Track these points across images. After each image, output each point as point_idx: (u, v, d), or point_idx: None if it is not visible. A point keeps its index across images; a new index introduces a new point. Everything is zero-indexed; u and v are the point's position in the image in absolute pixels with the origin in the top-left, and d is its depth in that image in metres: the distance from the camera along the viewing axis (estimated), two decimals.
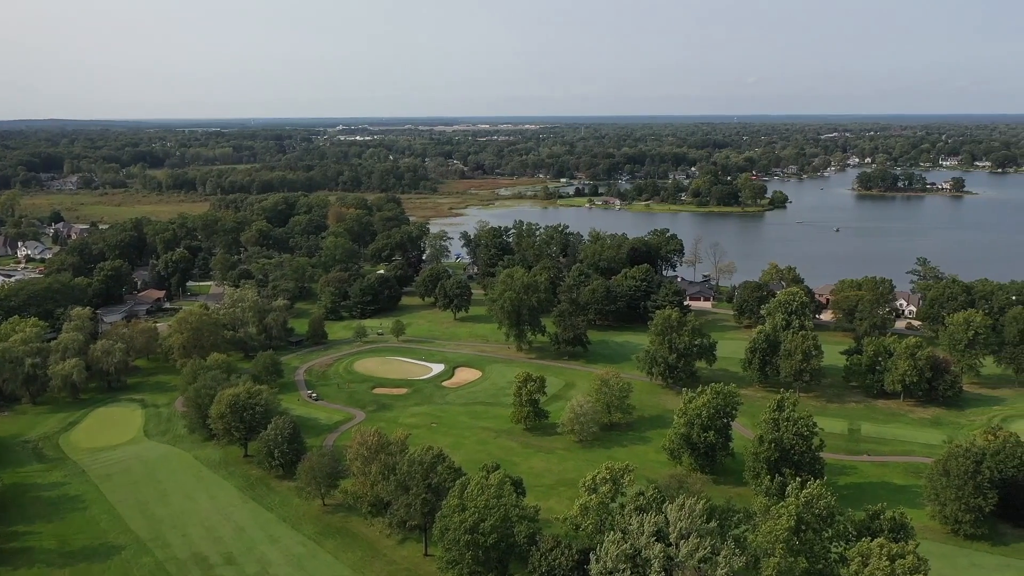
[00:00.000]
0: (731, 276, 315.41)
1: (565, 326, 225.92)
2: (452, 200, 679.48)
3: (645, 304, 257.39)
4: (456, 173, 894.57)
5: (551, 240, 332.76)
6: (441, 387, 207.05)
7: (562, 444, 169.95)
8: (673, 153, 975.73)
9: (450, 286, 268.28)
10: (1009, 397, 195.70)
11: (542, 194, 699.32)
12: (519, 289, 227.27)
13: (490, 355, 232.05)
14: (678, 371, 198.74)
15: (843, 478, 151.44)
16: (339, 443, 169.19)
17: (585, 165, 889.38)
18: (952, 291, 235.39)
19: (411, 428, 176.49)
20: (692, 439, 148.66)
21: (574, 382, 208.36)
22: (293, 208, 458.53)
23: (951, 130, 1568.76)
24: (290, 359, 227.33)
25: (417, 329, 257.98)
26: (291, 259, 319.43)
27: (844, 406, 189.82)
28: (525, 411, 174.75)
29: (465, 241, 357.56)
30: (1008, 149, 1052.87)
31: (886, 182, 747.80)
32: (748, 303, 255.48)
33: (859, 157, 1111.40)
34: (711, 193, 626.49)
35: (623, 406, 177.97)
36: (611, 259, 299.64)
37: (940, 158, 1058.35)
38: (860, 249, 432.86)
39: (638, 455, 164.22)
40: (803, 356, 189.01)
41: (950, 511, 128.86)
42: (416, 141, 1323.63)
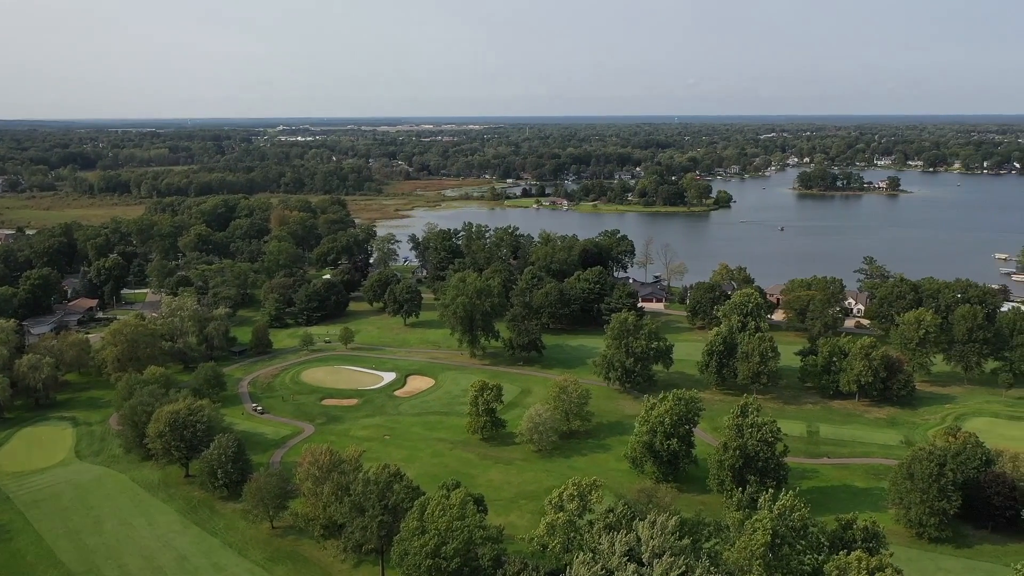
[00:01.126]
0: (682, 277, 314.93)
1: (519, 331, 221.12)
2: (398, 202, 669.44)
3: (599, 307, 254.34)
4: (401, 174, 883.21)
5: (501, 242, 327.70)
6: (393, 397, 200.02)
7: (520, 454, 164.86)
8: (618, 153, 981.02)
9: (400, 291, 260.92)
10: (959, 395, 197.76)
11: (489, 195, 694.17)
12: (472, 294, 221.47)
13: (443, 362, 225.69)
14: (635, 375, 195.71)
15: (805, 482, 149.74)
16: (287, 459, 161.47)
17: (531, 166, 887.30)
18: (900, 290, 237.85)
19: (363, 441, 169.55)
20: (655, 447, 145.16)
21: (530, 388, 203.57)
22: (234, 211, 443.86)
23: (883, 130, 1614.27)
24: (233, 370, 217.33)
25: (366, 336, 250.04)
26: (232, 265, 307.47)
27: (801, 407, 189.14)
28: (482, 421, 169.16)
29: (413, 244, 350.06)
30: (938, 149, 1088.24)
31: (825, 181, 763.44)
32: (701, 304, 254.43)
33: (798, 157, 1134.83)
34: (657, 193, 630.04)
35: (582, 413, 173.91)
36: (563, 261, 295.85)
37: (875, 158, 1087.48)
38: (806, 248, 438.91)
39: (599, 464, 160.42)
40: (760, 358, 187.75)
41: (915, 514, 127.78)
42: (359, 142, 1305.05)
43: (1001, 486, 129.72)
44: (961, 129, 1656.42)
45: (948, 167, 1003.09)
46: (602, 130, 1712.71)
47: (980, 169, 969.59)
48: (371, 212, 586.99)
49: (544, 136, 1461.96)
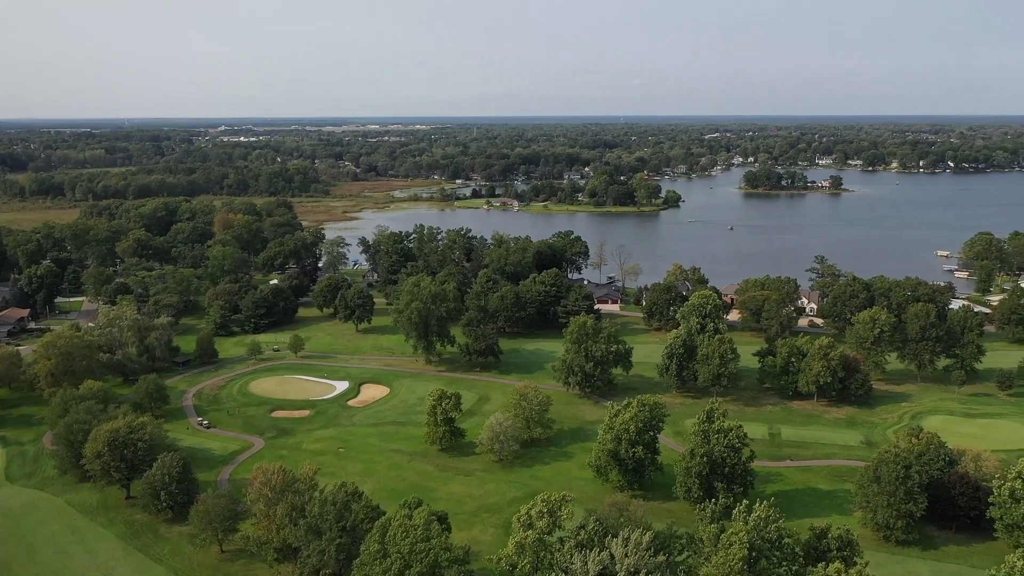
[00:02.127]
0: (636, 278, 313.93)
1: (476, 336, 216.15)
2: (346, 203, 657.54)
3: (555, 309, 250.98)
4: (348, 175, 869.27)
5: (454, 244, 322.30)
6: (347, 407, 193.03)
7: (481, 465, 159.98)
8: (566, 154, 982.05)
9: (351, 296, 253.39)
10: (914, 393, 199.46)
11: (439, 196, 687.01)
12: (427, 299, 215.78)
13: (397, 369, 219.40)
14: (595, 380, 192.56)
15: (770, 486, 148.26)
16: (237, 476, 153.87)
17: (480, 166, 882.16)
18: (853, 289, 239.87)
19: (316, 455, 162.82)
20: (620, 455, 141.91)
21: (488, 395, 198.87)
22: (175, 214, 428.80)
23: (823, 130, 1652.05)
24: (177, 382, 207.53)
25: (317, 343, 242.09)
26: (174, 271, 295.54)
27: (761, 409, 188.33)
28: (440, 431, 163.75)
29: (364, 247, 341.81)
30: (876, 148, 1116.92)
31: (771, 181, 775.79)
32: (658, 305, 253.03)
33: (743, 156, 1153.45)
34: (607, 193, 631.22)
35: (543, 421, 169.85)
36: (517, 263, 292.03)
37: (816, 157, 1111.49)
38: (756, 247, 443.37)
39: (562, 472, 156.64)
40: (720, 360, 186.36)
41: (882, 517, 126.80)
42: (305, 142, 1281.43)
43: (965, 487, 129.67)
44: (896, 129, 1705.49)
45: (886, 166, 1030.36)
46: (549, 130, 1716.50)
47: (916, 168, 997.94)
48: (319, 214, 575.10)
49: (492, 136, 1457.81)
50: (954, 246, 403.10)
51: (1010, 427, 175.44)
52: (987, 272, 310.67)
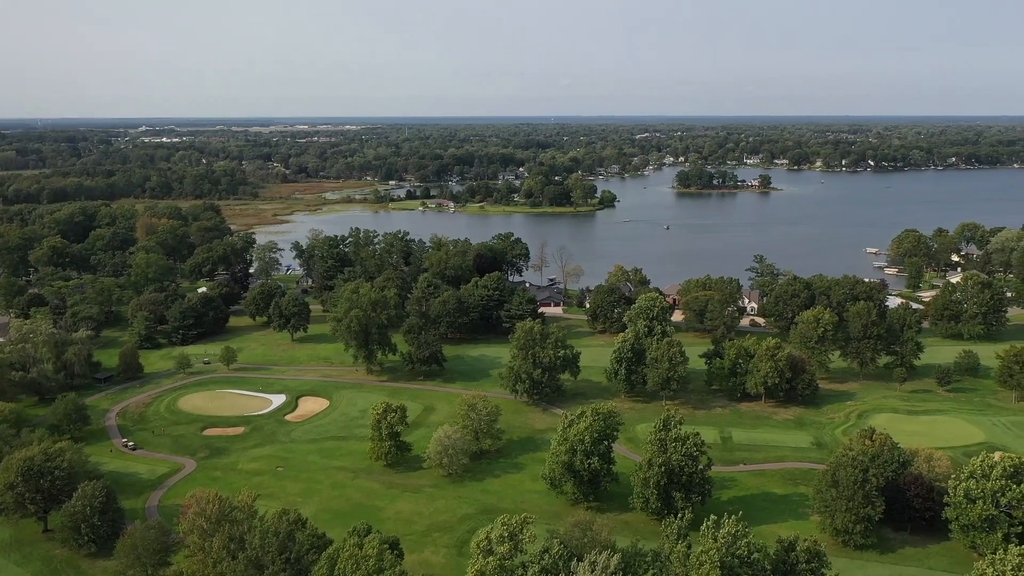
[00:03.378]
0: (578, 279, 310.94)
1: (419, 344, 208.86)
2: (276, 206, 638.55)
3: (498, 314, 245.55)
4: (278, 177, 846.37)
5: (392, 248, 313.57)
6: (284, 422, 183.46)
7: (429, 480, 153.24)
8: (500, 154, 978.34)
9: (285, 304, 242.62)
10: (858, 391, 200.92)
11: (372, 197, 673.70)
12: (366, 306, 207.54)
13: (337, 380, 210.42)
14: (544, 387, 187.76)
15: (726, 492, 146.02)
16: (167, 502, 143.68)
17: (414, 167, 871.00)
18: (794, 288, 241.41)
19: (253, 476, 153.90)
20: (575, 467, 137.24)
21: (433, 405, 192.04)
22: (93, 220, 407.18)
23: (748, 130, 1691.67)
24: (98, 400, 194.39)
25: (250, 354, 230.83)
26: (94, 280, 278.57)
27: (711, 412, 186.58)
28: (386, 446, 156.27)
29: (297, 252, 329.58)
30: (800, 148, 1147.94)
31: (703, 180, 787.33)
32: (603, 308, 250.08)
33: (673, 156, 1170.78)
34: (544, 193, 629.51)
35: (492, 432, 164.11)
36: (458, 267, 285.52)
37: (744, 156, 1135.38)
38: (693, 246, 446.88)
39: (514, 486, 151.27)
40: (669, 364, 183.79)
41: (841, 522, 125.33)
42: (231, 143, 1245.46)
43: (920, 488, 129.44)
44: (817, 129, 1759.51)
45: (811, 165, 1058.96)
46: (481, 130, 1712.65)
47: (839, 167, 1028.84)
48: (248, 218, 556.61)
49: (424, 136, 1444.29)
50: (882, 243, 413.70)
51: (952, 423, 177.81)
52: (916, 269, 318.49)
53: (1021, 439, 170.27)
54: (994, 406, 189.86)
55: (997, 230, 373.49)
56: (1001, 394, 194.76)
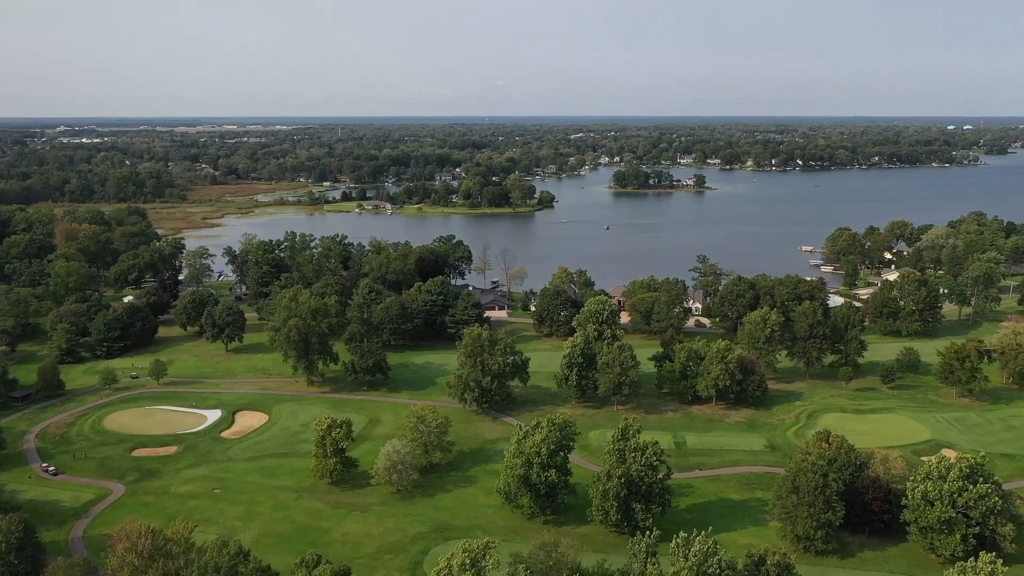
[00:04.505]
0: (522, 282, 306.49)
1: (362, 353, 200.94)
2: (205, 209, 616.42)
3: (443, 319, 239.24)
4: (206, 178, 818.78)
5: (330, 252, 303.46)
6: (220, 439, 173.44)
7: (377, 497, 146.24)
8: (437, 154, 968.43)
9: (219, 312, 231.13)
10: (805, 391, 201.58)
11: (307, 199, 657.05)
12: (306, 315, 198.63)
13: (276, 392, 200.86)
14: (493, 395, 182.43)
15: (683, 500, 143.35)
16: (93, 532, 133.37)
17: (348, 168, 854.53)
18: (739, 288, 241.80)
19: (188, 499, 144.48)
20: (531, 480, 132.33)
21: (379, 416, 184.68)
22: (8, 225, 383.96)
23: (680, 130, 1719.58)
24: (15, 421, 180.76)
25: (182, 367, 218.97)
26: (8, 290, 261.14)
27: (663, 417, 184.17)
28: (331, 463, 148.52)
29: (230, 258, 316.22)
30: (732, 148, 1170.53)
31: (639, 180, 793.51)
32: (548, 311, 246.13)
33: (609, 156, 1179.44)
34: (482, 194, 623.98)
35: (442, 444, 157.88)
36: (399, 271, 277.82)
37: (678, 156, 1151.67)
38: (633, 246, 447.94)
39: (467, 500, 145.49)
40: (620, 368, 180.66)
41: (802, 529, 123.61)
42: (156, 144, 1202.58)
43: (878, 491, 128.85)
44: (746, 129, 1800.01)
45: (742, 164, 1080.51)
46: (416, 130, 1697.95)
47: (769, 166, 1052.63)
48: (176, 222, 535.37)
49: (357, 137, 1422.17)
50: (816, 241, 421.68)
51: (899, 421, 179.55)
52: (853, 267, 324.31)
53: (965, 435, 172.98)
54: (936, 402, 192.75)
55: (926, 227, 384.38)
56: (942, 390, 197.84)
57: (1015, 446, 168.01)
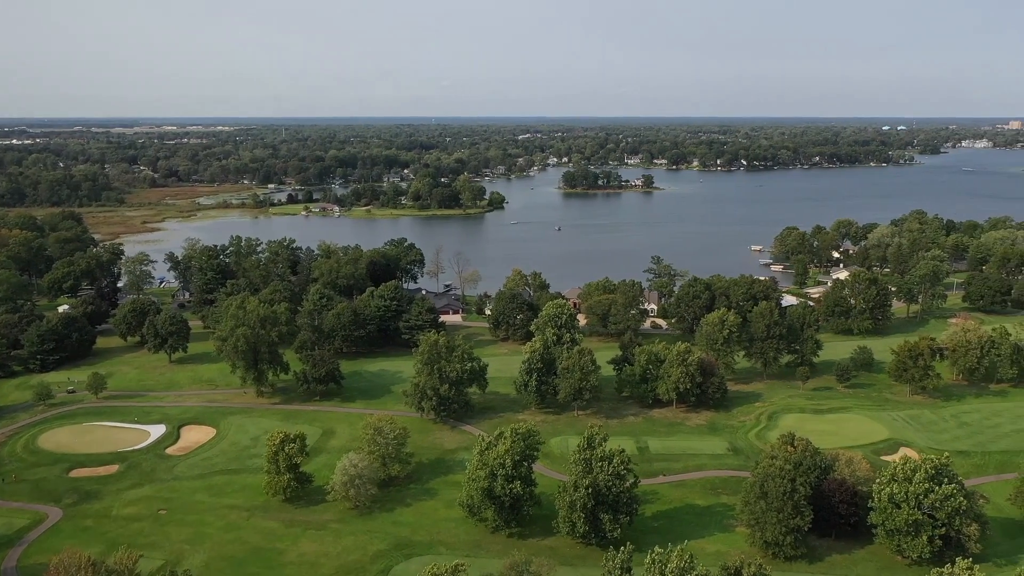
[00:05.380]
0: (476, 285, 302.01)
1: (314, 362, 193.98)
2: (145, 213, 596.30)
3: (397, 325, 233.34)
4: (146, 181, 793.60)
5: (277, 257, 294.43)
6: (165, 456, 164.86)
7: (334, 514, 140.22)
8: (384, 155, 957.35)
9: (161, 321, 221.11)
10: (763, 391, 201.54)
11: (251, 202, 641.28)
12: (255, 323, 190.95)
13: (224, 405, 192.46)
14: (451, 402, 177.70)
15: (649, 508, 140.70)
16: (28, 562, 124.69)
17: (294, 169, 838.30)
18: (695, 289, 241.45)
19: (131, 522, 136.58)
20: (495, 492, 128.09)
21: (333, 428, 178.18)
22: None
23: (626, 131, 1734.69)
24: None
25: (123, 380, 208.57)
26: None
27: (624, 421, 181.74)
28: (284, 480, 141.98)
29: (172, 264, 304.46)
30: (677, 148, 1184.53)
31: (588, 180, 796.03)
32: (505, 314, 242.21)
33: (557, 157, 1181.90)
34: (432, 196, 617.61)
35: (401, 456, 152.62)
36: (350, 276, 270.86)
37: (625, 157, 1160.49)
38: (586, 247, 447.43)
39: (427, 514, 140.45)
40: (581, 373, 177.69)
41: (771, 535, 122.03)
42: (92, 145, 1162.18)
43: (844, 493, 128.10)
44: (691, 129, 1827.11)
45: (688, 165, 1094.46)
46: (361, 131, 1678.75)
47: (715, 166, 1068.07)
48: (114, 226, 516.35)
49: (302, 138, 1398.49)
50: (765, 240, 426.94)
51: (858, 420, 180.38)
52: (803, 266, 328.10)
53: (921, 433, 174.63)
54: (891, 400, 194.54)
55: (870, 226, 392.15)
56: (896, 388, 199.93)
57: (969, 443, 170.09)
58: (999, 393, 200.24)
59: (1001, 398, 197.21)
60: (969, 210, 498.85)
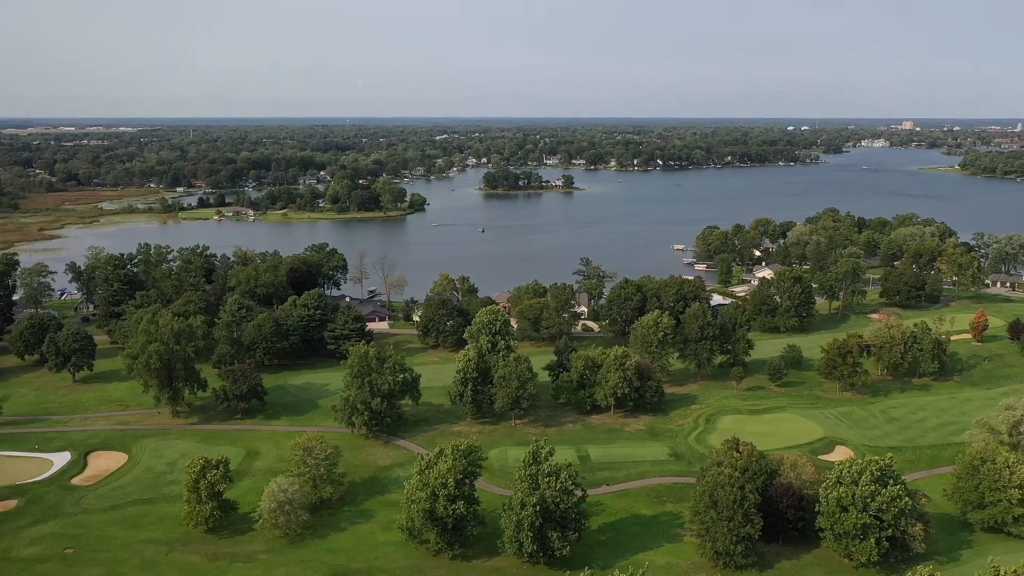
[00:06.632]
0: (402, 290, 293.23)
1: (235, 378, 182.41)
2: (42, 219, 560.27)
3: (322, 335, 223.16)
4: (42, 185, 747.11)
5: (190, 265, 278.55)
6: (71, 488, 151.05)
7: (263, 544, 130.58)
8: (299, 157, 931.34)
9: (63, 338, 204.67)
10: (698, 393, 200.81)
11: (159, 207, 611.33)
12: (169, 339, 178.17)
13: (135, 427, 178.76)
14: (384, 416, 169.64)
15: (595, 520, 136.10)
16: None
17: (204, 172, 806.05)
18: (627, 291, 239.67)
19: (34, 563, 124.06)
20: (437, 514, 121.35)
21: (257, 448, 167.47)
22: None
23: (543, 131, 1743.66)
24: None
25: (21, 403, 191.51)
26: None
27: (563, 429, 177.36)
28: (207, 509, 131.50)
29: (74, 274, 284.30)
30: (595, 148, 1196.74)
31: (509, 181, 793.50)
32: (434, 321, 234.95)
33: (476, 158, 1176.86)
34: (351, 198, 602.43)
35: (333, 477, 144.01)
36: (270, 284, 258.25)
37: (544, 157, 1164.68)
38: (510, 249, 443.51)
39: (364, 539, 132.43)
40: (519, 382, 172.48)
41: (722, 545, 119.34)
42: None
43: (792, 498, 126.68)
44: (607, 130, 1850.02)
45: (606, 165, 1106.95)
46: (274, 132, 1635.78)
47: (632, 166, 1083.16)
48: (7, 234, 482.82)
49: (212, 139, 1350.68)
50: (686, 239, 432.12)
51: (793, 420, 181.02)
52: (726, 264, 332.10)
53: (853, 430, 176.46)
54: (822, 398, 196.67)
55: (788, 224, 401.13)
56: (826, 385, 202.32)
57: (899, 438, 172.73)
58: (922, 387, 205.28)
59: (924, 392, 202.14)
60: (875, 207, 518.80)
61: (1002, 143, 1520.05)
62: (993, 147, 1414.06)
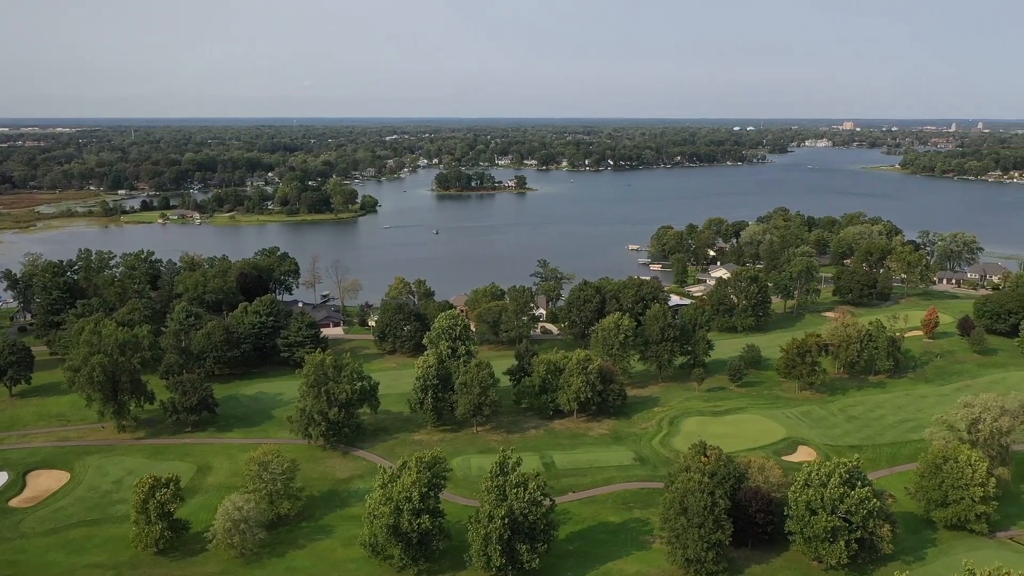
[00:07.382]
0: (356, 295, 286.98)
1: (184, 389, 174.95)
2: None
3: (275, 342, 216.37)
4: None
5: (135, 272, 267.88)
6: (9, 510, 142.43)
7: (217, 565, 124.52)
8: (246, 158, 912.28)
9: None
10: (660, 395, 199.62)
11: (100, 210, 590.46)
12: (113, 350, 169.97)
13: (78, 443, 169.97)
14: (341, 426, 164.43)
15: (563, 529, 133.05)
16: None
17: (147, 174, 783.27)
18: (586, 293, 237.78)
19: None
20: (402, 529, 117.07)
21: (209, 463, 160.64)
22: None
23: (494, 132, 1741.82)
24: None
25: None
26: None
27: (526, 435, 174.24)
28: (156, 530, 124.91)
29: (10, 282, 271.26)
30: (547, 148, 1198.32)
31: (461, 182, 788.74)
32: (391, 326, 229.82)
33: (427, 158, 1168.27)
34: (300, 200, 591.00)
35: (290, 491, 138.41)
36: (219, 290, 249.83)
37: (495, 157, 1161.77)
38: (465, 251, 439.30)
39: (324, 556, 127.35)
40: (480, 388, 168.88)
41: (693, 552, 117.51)
42: None
43: (761, 502, 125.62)
44: (556, 130, 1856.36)
45: (558, 165, 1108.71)
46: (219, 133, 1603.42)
47: (583, 166, 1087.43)
48: None
49: (154, 140, 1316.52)
50: (641, 239, 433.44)
51: (755, 420, 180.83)
52: (682, 264, 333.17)
53: (814, 429, 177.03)
54: (782, 397, 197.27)
55: (740, 224, 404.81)
56: (785, 385, 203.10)
57: (859, 436, 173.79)
58: (878, 385, 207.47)
59: (880, 389, 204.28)
60: (824, 206, 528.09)
61: (938, 143, 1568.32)
62: (930, 147, 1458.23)
